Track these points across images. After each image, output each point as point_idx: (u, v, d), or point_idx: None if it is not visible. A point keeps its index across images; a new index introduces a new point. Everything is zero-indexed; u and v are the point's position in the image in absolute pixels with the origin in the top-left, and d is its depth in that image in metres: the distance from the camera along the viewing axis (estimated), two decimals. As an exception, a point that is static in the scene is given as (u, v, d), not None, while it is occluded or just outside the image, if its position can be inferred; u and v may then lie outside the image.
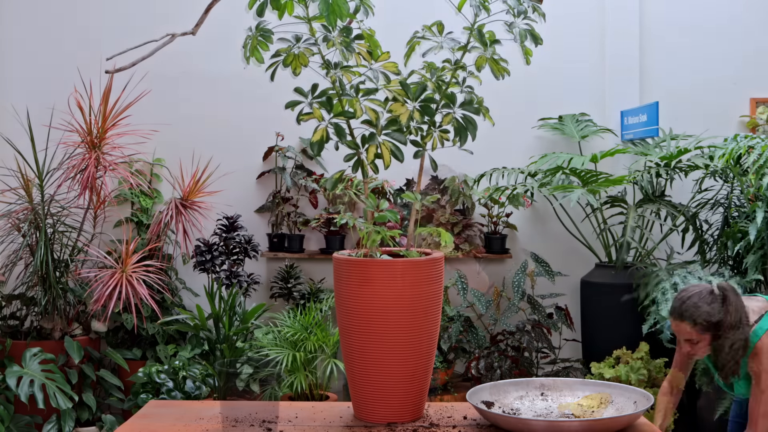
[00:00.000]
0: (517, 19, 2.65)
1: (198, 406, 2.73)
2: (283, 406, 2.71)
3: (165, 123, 5.34)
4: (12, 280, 5.13)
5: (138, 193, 5.43)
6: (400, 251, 2.64)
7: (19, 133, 5.11)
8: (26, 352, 4.55)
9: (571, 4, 5.62)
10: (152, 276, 4.81)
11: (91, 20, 5.62)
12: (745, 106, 5.66)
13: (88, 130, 4.91)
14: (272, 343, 4.69)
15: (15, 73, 5.60)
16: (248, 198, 5.60)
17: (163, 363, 4.90)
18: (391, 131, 2.55)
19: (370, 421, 2.50)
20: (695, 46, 5.67)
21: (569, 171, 4.84)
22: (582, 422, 2.28)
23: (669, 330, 4.09)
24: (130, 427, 2.48)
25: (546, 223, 5.61)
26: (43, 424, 4.56)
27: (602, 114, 5.62)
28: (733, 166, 4.77)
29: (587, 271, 5.30)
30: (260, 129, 5.55)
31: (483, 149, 3.64)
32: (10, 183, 5.09)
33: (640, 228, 5.11)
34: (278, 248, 5.48)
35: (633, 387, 2.58)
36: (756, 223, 4.39)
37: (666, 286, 4.44)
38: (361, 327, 2.46)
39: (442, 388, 5.01)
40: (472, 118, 2.63)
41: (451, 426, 2.46)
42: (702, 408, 4.65)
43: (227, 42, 5.12)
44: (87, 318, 5.10)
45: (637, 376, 4.43)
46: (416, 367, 2.49)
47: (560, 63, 5.58)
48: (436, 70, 2.65)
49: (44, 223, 4.86)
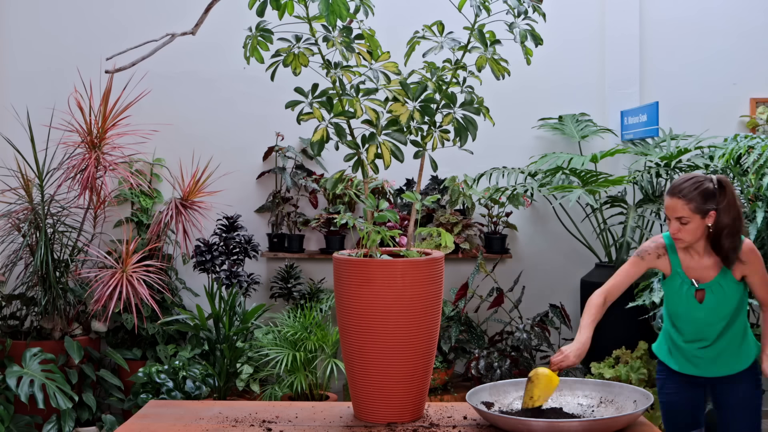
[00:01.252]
0: (518, 19, 2.66)
1: (198, 406, 2.74)
2: (283, 406, 2.71)
3: (165, 123, 5.34)
4: (12, 280, 5.13)
5: (138, 193, 5.43)
6: (400, 251, 2.64)
7: (19, 133, 5.11)
8: (26, 352, 4.55)
9: (571, 4, 5.61)
10: (152, 276, 4.81)
11: (91, 20, 5.61)
12: (745, 106, 5.65)
13: (88, 130, 4.91)
14: (272, 343, 4.69)
15: (15, 73, 5.59)
16: (248, 198, 5.60)
17: (163, 363, 4.90)
18: (391, 131, 2.55)
19: (370, 421, 2.50)
20: (695, 47, 5.67)
21: (569, 171, 4.84)
22: (582, 422, 2.28)
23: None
24: (130, 427, 2.48)
25: (546, 223, 5.61)
26: (43, 424, 4.56)
27: (602, 114, 5.62)
28: (733, 166, 4.77)
29: (587, 271, 5.30)
30: (260, 129, 5.55)
31: (483, 149, 3.65)
32: (10, 183, 5.09)
33: (639, 228, 5.11)
34: (278, 248, 5.48)
35: (633, 386, 2.59)
36: (756, 223, 4.39)
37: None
38: (361, 327, 2.46)
39: (442, 388, 5.01)
40: (473, 118, 2.63)
41: (451, 426, 2.46)
42: (702, 408, 4.65)
43: (227, 42, 5.12)
44: (87, 318, 5.10)
45: (637, 375, 4.43)
46: (416, 367, 2.49)
47: (560, 63, 5.58)
48: (436, 70, 2.65)
49: (44, 223, 4.86)
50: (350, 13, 2.46)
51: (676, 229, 2.84)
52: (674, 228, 2.84)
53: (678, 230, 2.84)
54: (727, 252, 2.83)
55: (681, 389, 2.96)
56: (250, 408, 2.69)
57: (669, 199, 2.84)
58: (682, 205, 2.81)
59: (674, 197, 2.82)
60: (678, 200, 2.81)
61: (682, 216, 2.81)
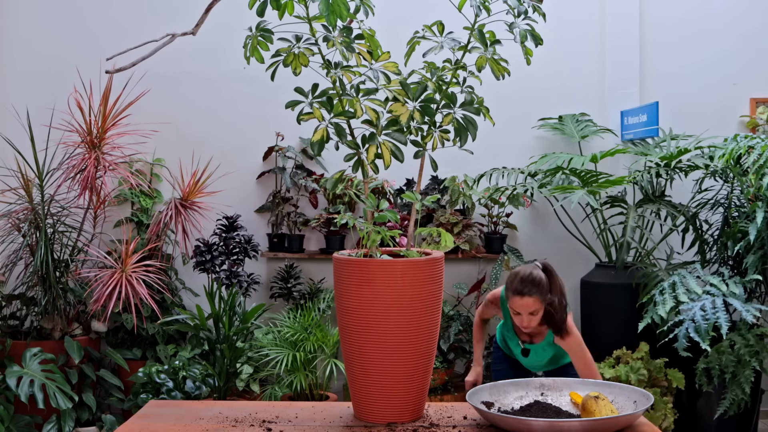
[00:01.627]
0: (518, 20, 2.66)
1: (198, 406, 2.73)
2: (283, 406, 2.71)
3: (165, 123, 5.34)
4: (12, 280, 5.13)
5: (138, 193, 5.43)
6: (400, 251, 2.64)
7: (19, 133, 5.11)
8: (26, 352, 4.55)
9: (572, 4, 5.61)
10: (152, 276, 4.81)
11: (91, 20, 5.61)
12: (745, 106, 5.66)
13: (88, 130, 4.91)
14: (272, 343, 4.69)
15: (15, 73, 5.60)
16: (248, 198, 5.60)
17: (163, 363, 4.90)
18: (392, 131, 2.55)
19: (370, 421, 2.50)
20: (695, 47, 5.67)
21: (569, 171, 4.84)
22: (582, 422, 2.28)
23: (684, 339, 4.14)
24: (130, 427, 2.48)
25: (546, 223, 5.61)
26: (43, 424, 4.56)
27: (602, 114, 5.62)
28: (733, 166, 4.77)
29: (587, 271, 5.30)
30: (260, 129, 5.55)
31: (483, 149, 3.65)
32: (10, 183, 5.09)
33: (639, 228, 5.11)
34: (278, 248, 5.48)
35: (633, 387, 2.58)
36: (756, 223, 4.39)
37: (665, 285, 4.44)
38: (361, 327, 2.46)
39: (442, 388, 5.01)
40: (473, 118, 2.63)
41: (451, 426, 2.46)
42: (702, 408, 4.65)
43: (227, 42, 5.12)
44: (87, 318, 5.10)
45: (637, 376, 4.43)
46: (416, 367, 2.49)
47: (560, 63, 5.58)
48: (436, 70, 2.65)
49: (44, 223, 4.86)
50: (350, 13, 2.46)
51: (528, 322, 3.11)
52: (526, 321, 3.11)
53: (529, 322, 3.10)
54: (558, 324, 3.11)
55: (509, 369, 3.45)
56: (250, 408, 2.69)
57: (521, 299, 3.07)
58: (534, 301, 3.06)
59: (526, 296, 3.06)
60: (530, 298, 3.06)
61: (534, 310, 3.07)
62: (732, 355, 4.35)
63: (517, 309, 3.09)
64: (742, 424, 4.60)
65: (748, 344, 4.35)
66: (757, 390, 4.56)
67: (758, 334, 4.43)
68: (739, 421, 4.57)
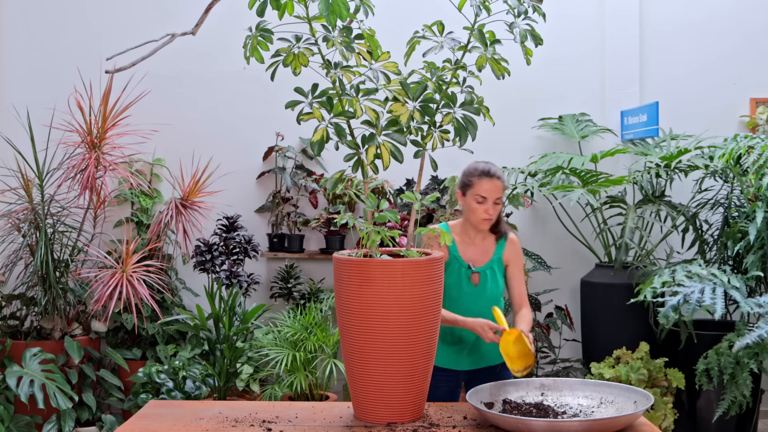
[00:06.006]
0: (518, 19, 2.66)
1: (198, 406, 2.73)
2: (283, 406, 2.71)
3: (165, 123, 5.34)
4: (12, 280, 5.13)
5: (138, 193, 5.43)
6: (400, 251, 2.64)
7: (19, 133, 5.11)
8: (26, 352, 4.55)
9: (571, 4, 5.61)
10: (152, 276, 4.81)
11: (91, 20, 5.61)
12: (745, 106, 5.65)
13: (88, 130, 4.91)
14: (272, 343, 4.69)
15: (15, 73, 5.59)
16: (248, 198, 5.59)
17: (163, 363, 4.90)
18: (391, 131, 2.55)
19: (370, 421, 2.50)
20: (695, 47, 5.67)
21: (569, 171, 4.84)
22: (582, 422, 2.28)
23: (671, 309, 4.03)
24: (130, 427, 2.48)
25: (546, 223, 5.61)
26: (43, 424, 4.56)
27: (602, 114, 5.62)
28: (733, 166, 4.77)
29: (587, 271, 5.30)
30: (260, 129, 5.55)
31: (483, 149, 3.65)
32: (10, 183, 5.09)
33: (639, 228, 5.11)
34: (278, 248, 5.48)
35: (633, 387, 2.59)
36: (756, 223, 4.39)
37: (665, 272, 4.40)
38: (361, 327, 2.46)
39: (442, 388, 5.00)
40: (473, 118, 2.63)
41: (451, 426, 2.46)
42: (702, 408, 4.65)
43: (227, 42, 5.13)
44: (87, 318, 5.10)
45: (637, 376, 4.43)
46: (416, 367, 2.49)
47: (560, 63, 5.58)
48: (436, 70, 2.65)
49: (44, 223, 4.86)
50: (350, 13, 2.46)
51: (493, 210, 3.05)
52: (492, 210, 3.05)
53: (495, 210, 3.06)
54: (503, 225, 3.14)
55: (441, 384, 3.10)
56: (250, 408, 2.69)
57: (490, 181, 3.04)
58: (502, 185, 3.07)
59: (495, 178, 3.05)
60: (498, 181, 3.06)
61: (499, 197, 3.06)
62: (730, 356, 4.34)
63: (485, 193, 3.04)
64: (742, 424, 4.60)
65: (747, 345, 4.33)
66: (757, 390, 4.56)
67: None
68: (739, 421, 4.57)
